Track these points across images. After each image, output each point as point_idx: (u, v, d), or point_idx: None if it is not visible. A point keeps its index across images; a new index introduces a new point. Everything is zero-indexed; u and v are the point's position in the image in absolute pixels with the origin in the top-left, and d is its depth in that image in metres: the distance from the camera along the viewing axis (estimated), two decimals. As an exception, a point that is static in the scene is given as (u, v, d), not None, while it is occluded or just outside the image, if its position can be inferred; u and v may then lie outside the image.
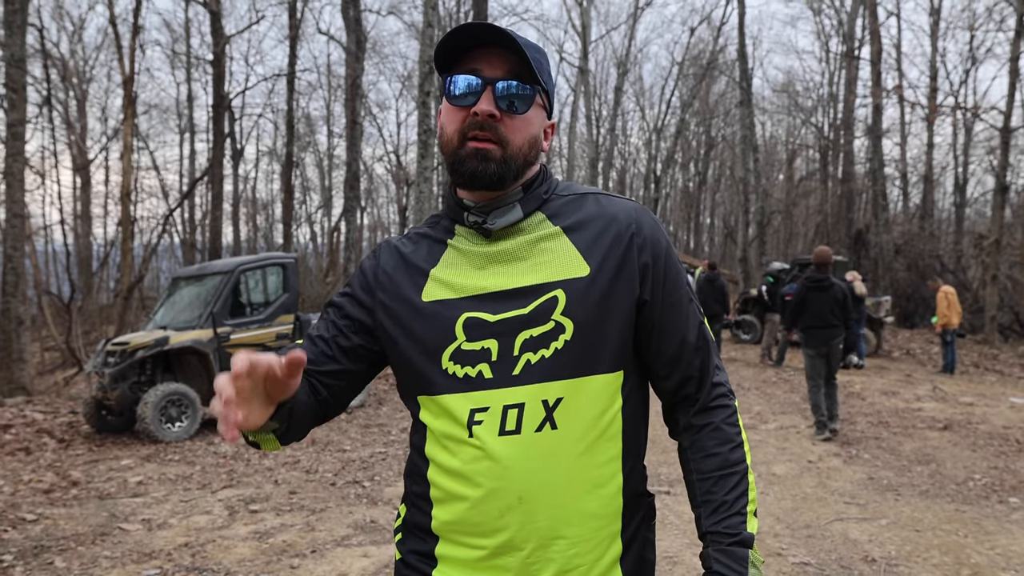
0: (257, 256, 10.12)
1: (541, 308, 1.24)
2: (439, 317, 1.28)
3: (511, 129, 1.27)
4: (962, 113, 24.09)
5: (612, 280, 1.27)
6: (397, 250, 1.40)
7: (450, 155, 1.28)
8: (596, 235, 1.30)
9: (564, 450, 1.22)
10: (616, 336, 1.27)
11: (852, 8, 26.01)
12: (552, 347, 1.23)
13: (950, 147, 28.16)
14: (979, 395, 10.52)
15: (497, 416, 1.22)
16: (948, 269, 20.54)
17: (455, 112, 1.28)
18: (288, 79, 21.56)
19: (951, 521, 5.18)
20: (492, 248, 1.31)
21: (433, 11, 14.30)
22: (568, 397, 1.22)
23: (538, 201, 1.33)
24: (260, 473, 6.71)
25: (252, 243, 31.88)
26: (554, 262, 1.28)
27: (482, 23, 1.24)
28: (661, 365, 1.34)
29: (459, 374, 1.25)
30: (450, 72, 1.29)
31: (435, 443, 1.29)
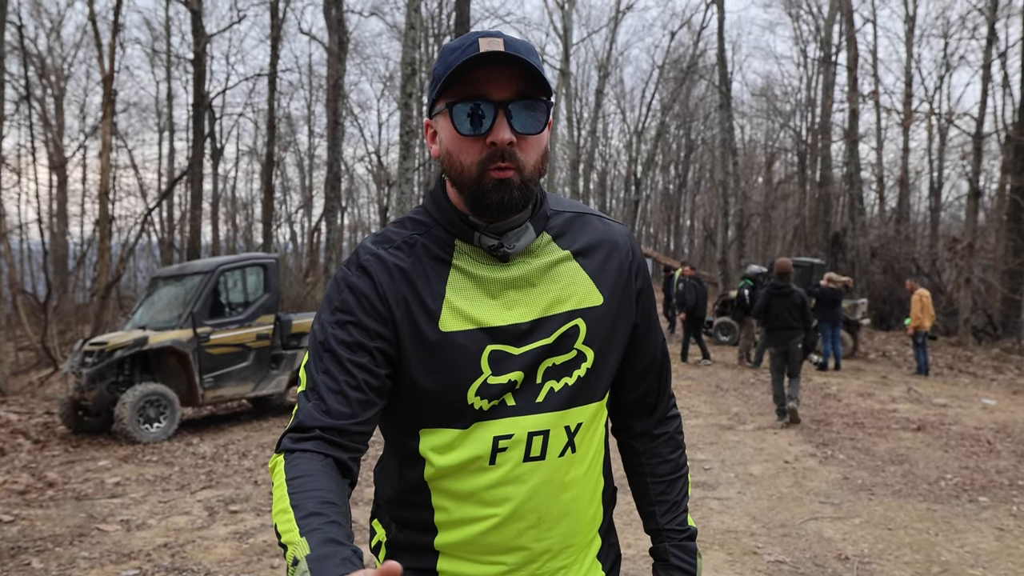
0: (237, 256, 10.08)
1: (564, 337, 1.25)
2: (463, 351, 1.20)
3: (526, 150, 1.19)
4: (936, 119, 24.46)
5: (619, 308, 1.31)
6: (391, 264, 1.23)
7: (470, 187, 1.19)
8: (603, 262, 1.31)
9: (578, 469, 1.27)
10: (617, 360, 1.33)
11: (829, 14, 26.33)
12: (575, 375, 1.25)
13: (925, 152, 28.60)
14: (953, 396, 10.69)
15: (522, 443, 1.21)
16: (923, 272, 20.83)
17: (469, 143, 1.18)
18: (269, 79, 21.46)
19: (922, 520, 5.28)
20: (506, 274, 1.24)
21: (416, 13, 14.29)
22: (586, 422, 1.27)
23: (544, 220, 1.28)
24: (239, 474, 6.70)
25: (232, 243, 31.65)
26: (572, 290, 1.27)
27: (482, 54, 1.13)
28: (631, 378, 1.39)
29: (486, 408, 1.21)
30: (452, 97, 1.18)
31: (443, 472, 1.22)
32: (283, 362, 9.67)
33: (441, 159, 1.24)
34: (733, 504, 5.61)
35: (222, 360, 9.00)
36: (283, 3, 22.14)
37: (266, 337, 9.49)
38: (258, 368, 9.36)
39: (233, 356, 9.14)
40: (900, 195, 26.60)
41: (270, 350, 9.58)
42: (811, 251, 25.47)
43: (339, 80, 16.68)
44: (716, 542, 4.79)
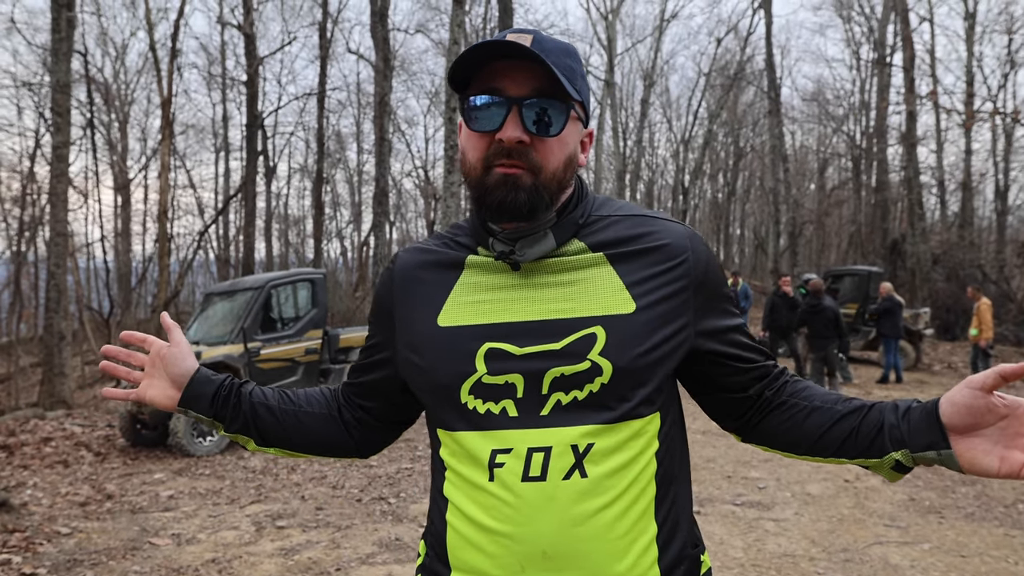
0: (287, 272, 10.24)
1: (576, 345, 1.11)
2: (457, 345, 1.15)
3: (544, 153, 1.12)
4: (1001, 118, 23.65)
5: (660, 319, 1.13)
6: (414, 261, 1.27)
7: (475, 184, 1.14)
8: (645, 265, 1.15)
9: (594, 502, 1.08)
10: (659, 380, 1.14)
11: (883, 15, 25.72)
12: (587, 389, 1.10)
13: (989, 153, 27.61)
14: None
15: (521, 459, 1.09)
16: (990, 279, 20.09)
17: (477, 138, 1.13)
18: (318, 98, 21.85)
19: (1000, 547, 4.99)
20: (517, 279, 1.17)
21: (459, 28, 14.41)
22: (601, 444, 1.09)
23: (574, 227, 1.18)
24: (288, 488, 6.75)
25: (284, 258, 32.28)
26: (594, 294, 1.14)
27: (498, 41, 1.08)
28: (736, 387, 1.24)
29: (480, 410, 1.13)
30: (469, 92, 1.14)
31: (454, 483, 1.18)
32: (331, 376, 9.76)
33: (460, 163, 1.21)
34: (790, 526, 5.40)
35: (272, 374, 9.12)
36: (331, 24, 22.56)
37: (315, 352, 9.61)
38: (307, 382, 9.46)
39: (283, 370, 9.26)
40: (963, 199, 25.73)
41: (319, 364, 9.69)
42: (868, 259, 24.82)
43: (385, 97, 16.87)
44: (773, 567, 4.62)
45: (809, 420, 1.20)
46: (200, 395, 1.33)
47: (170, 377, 1.33)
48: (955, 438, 1.07)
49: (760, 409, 1.26)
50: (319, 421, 1.37)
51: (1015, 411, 1.04)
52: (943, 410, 1.07)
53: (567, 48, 1.15)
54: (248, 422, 1.34)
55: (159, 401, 1.32)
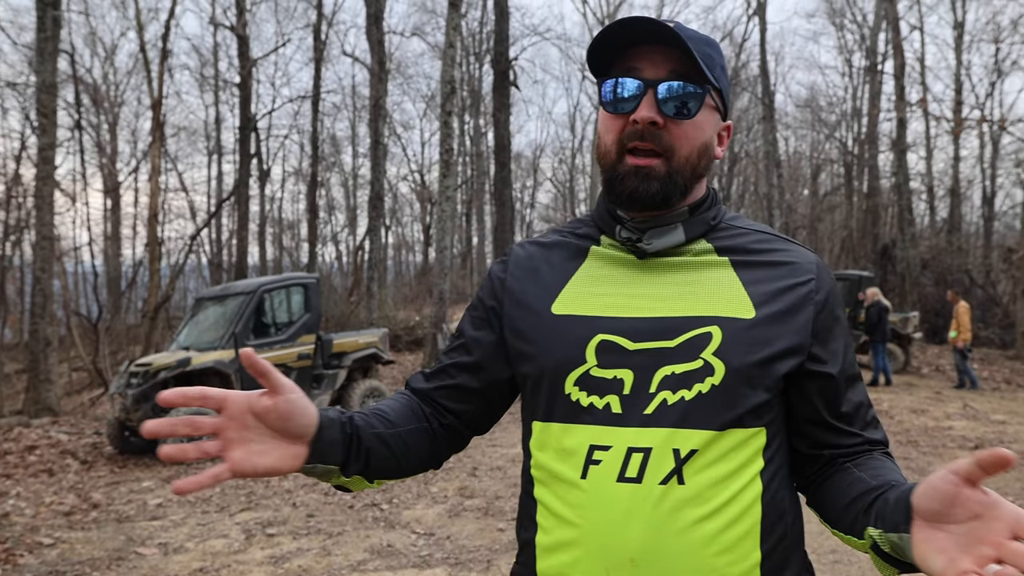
0: (279, 276, 10.22)
1: (690, 343, 1.08)
2: (569, 334, 1.12)
3: (677, 137, 1.11)
4: (988, 126, 23.77)
5: (778, 331, 1.09)
6: (529, 253, 1.26)
7: (607, 170, 1.14)
8: (768, 277, 1.13)
9: (690, 512, 1.02)
10: (767, 391, 1.08)
11: (875, 23, 25.85)
12: (695, 389, 1.06)
13: (977, 160, 27.78)
14: (1012, 413, 10.30)
15: (619, 458, 1.04)
16: (977, 284, 20.19)
17: (612, 120, 1.13)
18: (313, 100, 21.85)
19: (979, 547, 5.04)
20: (639, 269, 1.16)
21: (455, 32, 14.43)
22: (703, 450, 1.04)
23: (704, 227, 1.17)
24: (279, 495, 6.72)
25: (278, 263, 32.18)
26: (714, 295, 1.11)
27: (638, 18, 1.08)
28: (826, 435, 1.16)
29: (584, 402, 1.09)
30: (605, 75, 1.14)
31: (544, 483, 1.13)
32: (324, 382, 9.73)
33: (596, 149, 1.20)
34: (778, 529, 5.43)
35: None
36: (326, 26, 22.56)
37: (307, 357, 9.58)
38: (301, 388, 9.42)
39: (275, 376, 9.21)
40: (951, 205, 25.88)
41: (311, 370, 9.66)
42: (859, 263, 24.89)
43: (380, 100, 16.87)
44: (759, 570, 4.63)
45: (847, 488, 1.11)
46: (332, 443, 1.09)
47: (285, 433, 1.03)
48: (919, 525, 0.93)
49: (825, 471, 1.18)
50: (418, 438, 1.24)
51: (987, 512, 0.86)
52: (916, 491, 0.94)
53: (707, 38, 1.14)
54: (367, 460, 1.15)
55: (283, 467, 1.03)
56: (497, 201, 19.73)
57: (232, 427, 0.99)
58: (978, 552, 0.85)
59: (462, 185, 32.53)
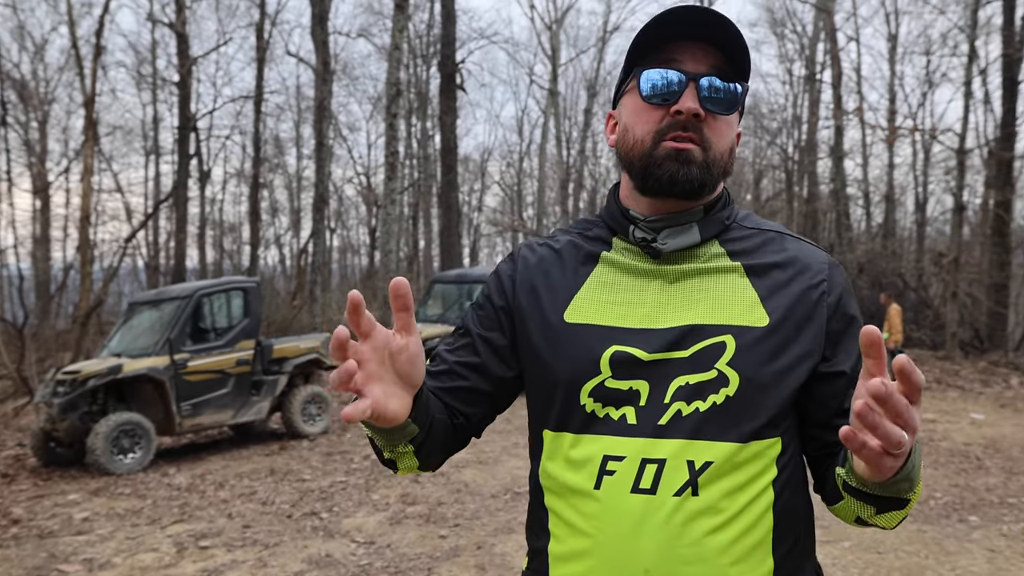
0: (218, 280, 9.96)
1: (703, 353, 1.07)
2: (583, 344, 1.11)
3: (714, 131, 1.11)
4: (920, 135, 24.56)
5: (791, 338, 1.09)
6: (539, 255, 1.23)
7: (642, 157, 1.12)
8: (780, 283, 1.12)
9: (704, 523, 1.02)
10: (783, 401, 1.08)
11: (813, 33, 26.54)
12: (710, 400, 1.05)
13: (910, 167, 28.67)
14: (941, 411, 10.60)
15: (633, 469, 1.04)
16: (910, 287, 20.80)
17: (649, 111, 1.12)
18: (255, 101, 21.43)
19: (912, 542, 5.15)
20: (653, 273, 1.14)
21: (401, 34, 14.30)
22: (719, 462, 1.04)
23: (718, 227, 1.16)
24: (214, 506, 6.52)
25: (219, 266, 31.45)
26: (728, 303, 1.10)
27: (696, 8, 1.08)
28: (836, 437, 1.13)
29: (599, 413, 1.09)
30: (643, 65, 1.14)
31: (556, 492, 1.13)
32: (264, 388, 9.50)
33: (617, 143, 1.19)
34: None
35: (200, 387, 8.82)
36: (269, 25, 22.17)
37: (246, 363, 9.33)
38: (238, 395, 9.19)
39: (212, 383, 8.96)
40: (886, 210, 26.69)
41: (251, 376, 9.42)
42: (799, 267, 25.45)
43: (324, 101, 16.63)
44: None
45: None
46: (427, 403, 1.08)
47: (406, 380, 0.99)
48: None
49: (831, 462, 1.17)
50: (445, 430, 1.20)
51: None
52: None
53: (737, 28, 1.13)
54: (429, 431, 1.12)
55: (401, 415, 1.00)
56: (443, 205, 19.63)
57: (375, 359, 0.96)
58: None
59: (408, 188, 32.29)
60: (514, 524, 5.72)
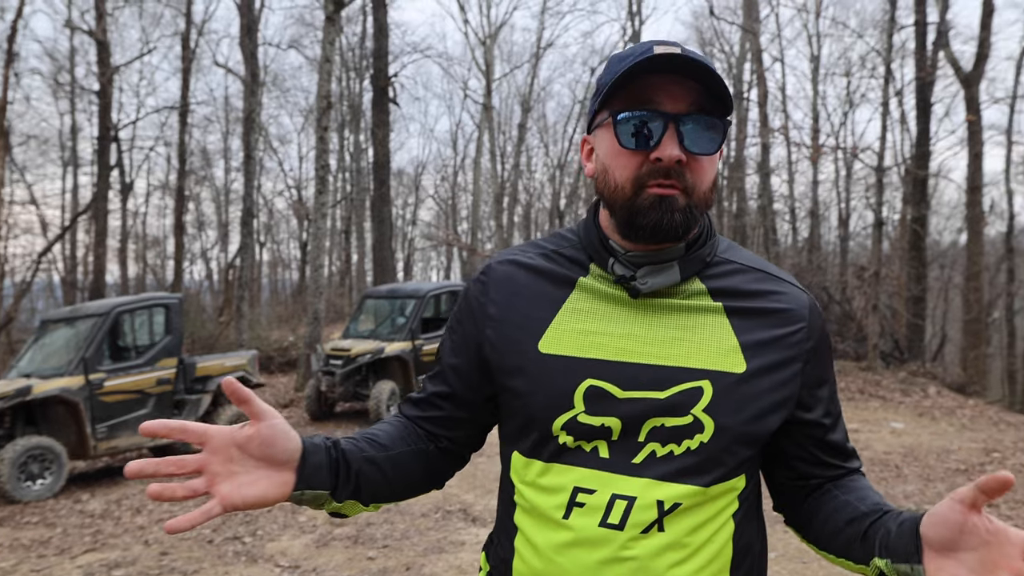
0: (138, 296, 9.60)
1: (680, 397, 1.06)
2: (557, 377, 1.09)
3: (696, 172, 1.06)
4: (842, 152, 25.49)
5: (768, 386, 1.08)
6: (509, 274, 1.18)
7: (624, 205, 1.07)
8: (763, 327, 1.10)
9: (668, 557, 1.04)
10: (756, 446, 1.10)
11: (740, 53, 27.33)
12: (684, 445, 1.06)
13: (833, 184, 29.72)
14: (863, 421, 10.90)
15: (603, 503, 1.05)
16: (835, 300, 21.47)
17: (628, 156, 1.06)
18: (181, 112, 20.84)
19: (836, 554, 5.24)
20: (631, 309, 1.11)
21: (332, 46, 14.11)
22: (686, 504, 1.05)
23: (699, 265, 1.12)
24: (130, 533, 6.23)
25: (141, 281, 30.40)
26: (706, 346, 1.08)
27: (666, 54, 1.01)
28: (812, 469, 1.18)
29: (571, 445, 1.08)
30: (617, 106, 1.07)
31: (526, 512, 1.12)
32: (187, 408, 9.17)
33: (595, 177, 1.13)
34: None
35: (118, 408, 8.46)
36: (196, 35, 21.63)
37: (168, 382, 9.00)
38: (159, 415, 8.84)
39: (131, 403, 8.61)
40: (811, 226, 27.53)
41: (172, 395, 9.09)
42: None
43: (253, 113, 16.27)
44: None
45: (835, 514, 1.13)
46: (318, 467, 1.07)
47: (269, 460, 1.01)
48: (931, 555, 0.93)
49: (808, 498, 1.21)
50: (412, 460, 1.21)
51: (996, 538, 0.88)
52: (924, 521, 0.95)
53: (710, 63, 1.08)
54: (358, 484, 1.13)
55: (271, 496, 1.01)
56: (376, 218, 19.41)
57: (216, 461, 0.98)
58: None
59: (341, 201, 31.88)
60: (444, 544, 5.62)
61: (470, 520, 6.24)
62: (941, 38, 19.87)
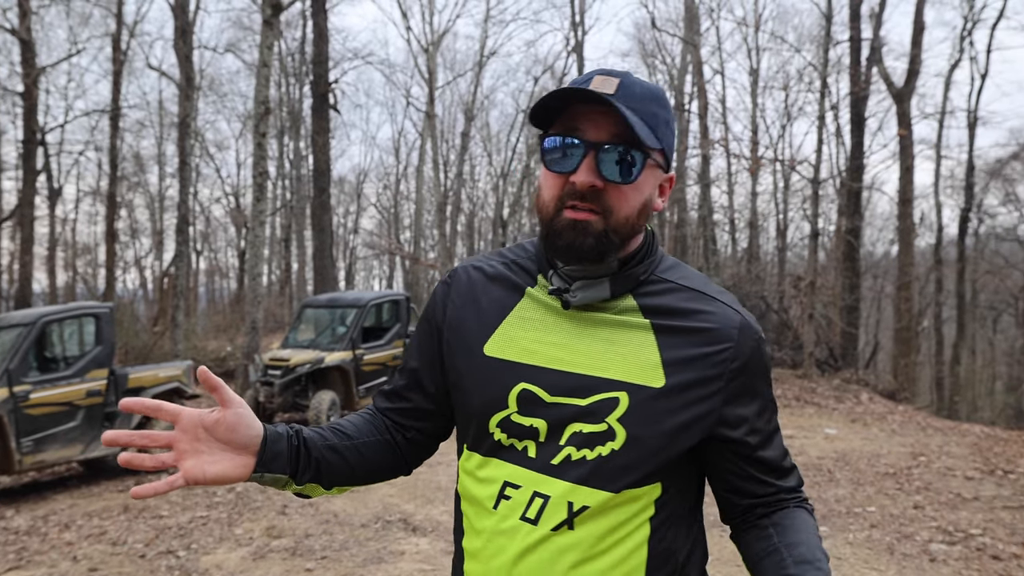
0: (66, 306, 9.27)
1: (598, 405, 1.13)
2: (496, 379, 1.19)
3: (616, 199, 1.12)
4: (780, 165, 26.14)
5: (685, 403, 1.13)
6: (472, 281, 1.28)
7: (545, 224, 1.16)
8: (685, 344, 1.15)
9: (576, 555, 1.11)
10: (668, 460, 1.15)
11: (681, 66, 27.81)
12: (597, 451, 1.12)
13: (771, 195, 30.45)
14: (799, 427, 11.17)
15: (525, 499, 1.14)
16: (772, 309, 21.97)
17: (552, 178, 1.15)
18: (112, 115, 20.24)
19: (772, 556, 5.33)
20: (566, 320, 1.19)
21: (270, 50, 13.89)
22: (594, 508, 1.12)
23: (631, 283, 1.18)
24: (57, 549, 5.98)
25: (71, 290, 29.38)
26: (629, 359, 1.14)
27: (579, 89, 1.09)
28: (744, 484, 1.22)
29: (505, 442, 1.18)
30: (551, 129, 1.16)
31: (468, 499, 1.24)
32: (118, 420, 8.87)
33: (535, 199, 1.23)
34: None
35: (45, 421, 8.13)
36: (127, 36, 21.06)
37: (98, 394, 8.70)
38: (88, 428, 8.54)
39: (59, 416, 8.29)
40: (750, 236, 28.13)
41: (103, 407, 8.78)
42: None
43: (188, 118, 15.91)
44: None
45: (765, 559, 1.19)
46: (277, 454, 1.18)
47: (232, 444, 1.13)
48: None
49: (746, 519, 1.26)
50: (377, 450, 1.32)
51: None
52: None
53: (654, 93, 1.15)
54: (318, 469, 1.24)
55: (231, 475, 1.13)
56: (316, 227, 19.16)
57: (184, 439, 1.11)
58: None
59: (280, 209, 31.36)
60: (384, 554, 5.55)
61: (410, 530, 6.18)
62: (875, 54, 20.61)
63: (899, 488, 7.36)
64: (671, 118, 1.20)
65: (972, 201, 25.90)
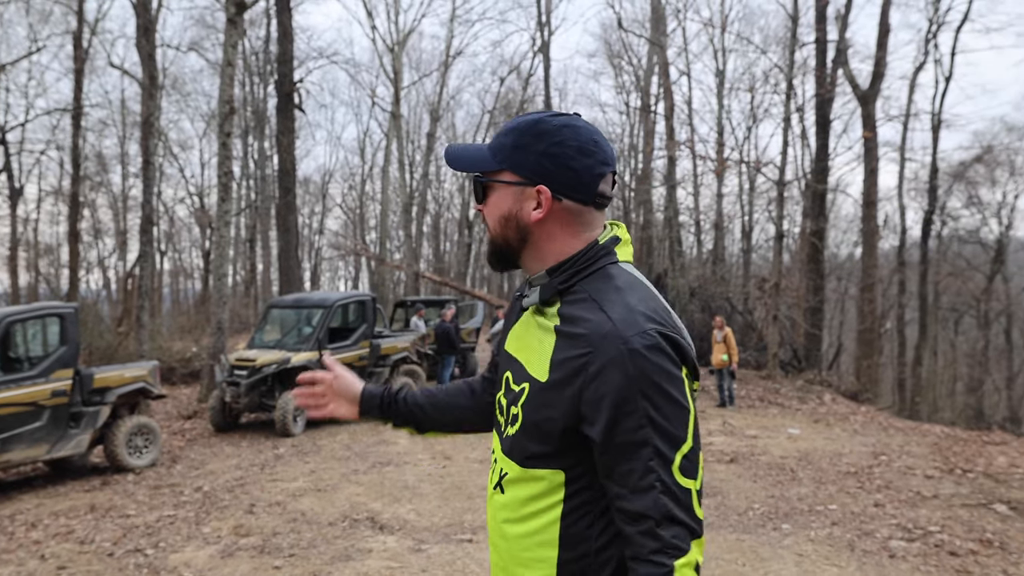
0: (30, 306, 9.14)
1: (519, 392, 1.39)
2: (502, 367, 1.51)
3: (487, 215, 1.44)
4: (746, 166, 26.53)
5: (555, 397, 1.31)
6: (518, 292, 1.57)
7: None
8: (564, 347, 1.32)
9: (504, 513, 1.42)
10: (549, 444, 1.34)
11: (648, 67, 28.07)
12: (508, 430, 1.42)
13: (737, 197, 30.87)
14: (763, 428, 11.33)
15: (492, 463, 1.52)
16: (737, 310, 22.28)
17: None
18: (74, 114, 19.94)
19: (732, 550, 5.48)
20: (529, 320, 1.46)
21: (234, 49, 13.82)
22: (511, 476, 1.40)
23: (551, 292, 1.39)
24: (25, 548, 5.96)
25: (33, 291, 28.82)
26: (535, 358, 1.38)
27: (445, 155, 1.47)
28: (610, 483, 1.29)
29: (499, 419, 1.49)
30: None
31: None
32: (84, 420, 8.79)
33: None
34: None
35: (9, 421, 8.04)
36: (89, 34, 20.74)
37: (63, 394, 8.60)
38: (54, 428, 8.45)
39: (23, 416, 8.19)
40: (716, 238, 28.47)
41: (68, 407, 8.69)
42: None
43: (151, 117, 15.74)
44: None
45: None
46: (372, 406, 1.78)
47: (346, 397, 1.78)
48: None
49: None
50: (463, 409, 1.78)
51: None
52: None
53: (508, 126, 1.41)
54: (407, 420, 1.78)
55: (347, 414, 1.78)
56: (282, 227, 19.05)
57: (329, 392, 1.78)
58: None
59: (245, 209, 31.08)
60: (352, 552, 5.60)
61: (377, 528, 6.23)
62: (840, 56, 20.97)
63: (860, 487, 7.54)
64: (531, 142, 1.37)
65: (935, 204, 26.39)
